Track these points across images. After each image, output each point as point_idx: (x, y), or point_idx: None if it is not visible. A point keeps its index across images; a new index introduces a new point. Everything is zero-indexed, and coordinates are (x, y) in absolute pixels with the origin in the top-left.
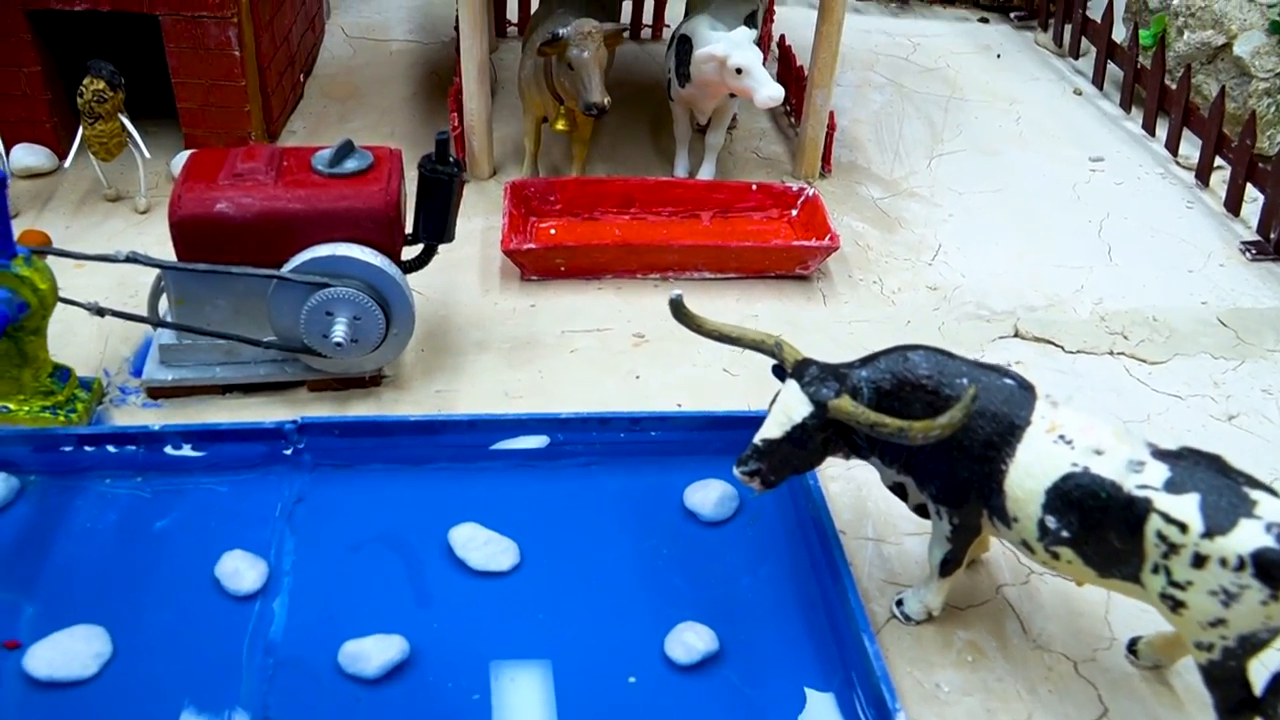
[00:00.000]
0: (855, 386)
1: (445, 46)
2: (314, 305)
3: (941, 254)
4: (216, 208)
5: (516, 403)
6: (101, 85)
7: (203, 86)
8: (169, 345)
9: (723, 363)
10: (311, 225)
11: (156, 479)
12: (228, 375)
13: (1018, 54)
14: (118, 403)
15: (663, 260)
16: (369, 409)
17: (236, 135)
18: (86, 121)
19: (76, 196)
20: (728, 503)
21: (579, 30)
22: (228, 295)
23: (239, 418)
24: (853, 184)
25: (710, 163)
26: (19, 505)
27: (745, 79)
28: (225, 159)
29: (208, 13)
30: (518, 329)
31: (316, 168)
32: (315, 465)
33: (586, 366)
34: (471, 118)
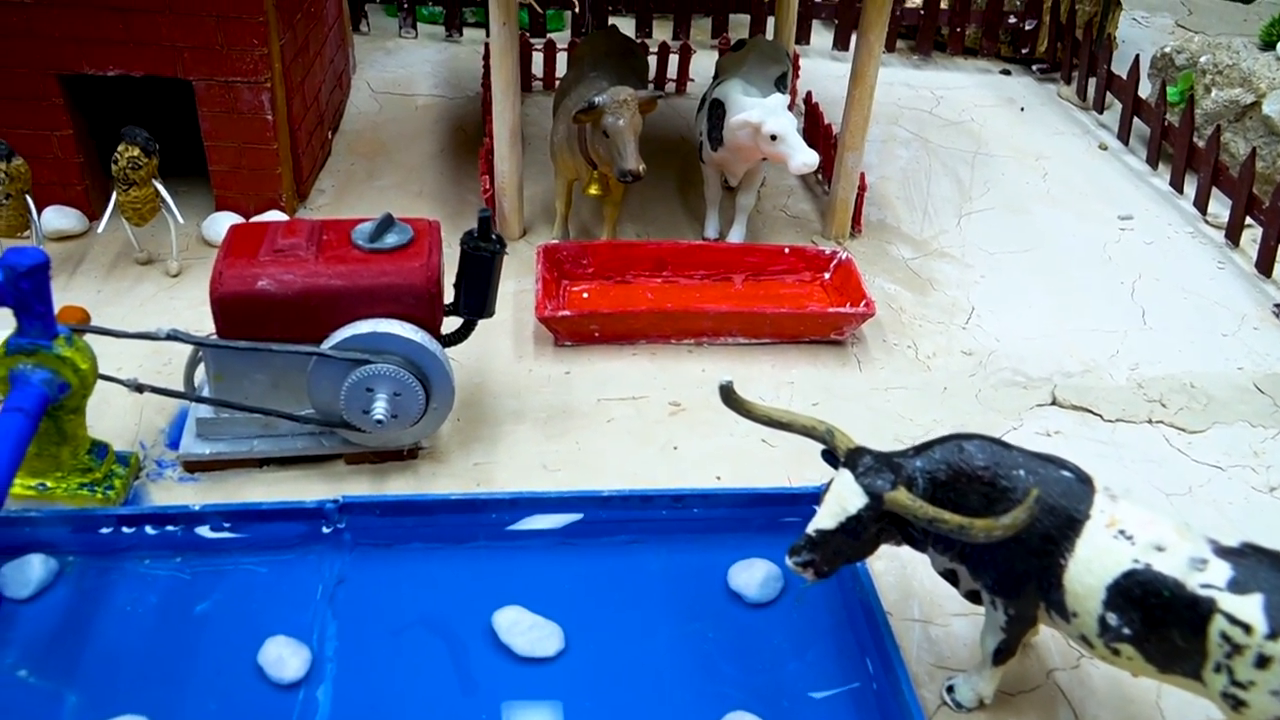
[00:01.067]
0: (910, 477)
1: (471, 101)
2: (354, 381)
3: (975, 317)
4: (258, 285)
5: (555, 476)
6: (136, 152)
7: (234, 149)
8: (206, 419)
9: (761, 433)
10: (353, 301)
11: (196, 559)
12: (265, 449)
13: (1041, 107)
14: (154, 477)
15: (697, 326)
16: (407, 483)
17: (267, 196)
18: (120, 187)
19: (108, 259)
20: (772, 583)
21: (615, 98)
22: (266, 370)
23: (277, 493)
24: (883, 244)
25: (741, 223)
26: (58, 588)
27: (780, 145)
28: (265, 233)
29: (241, 78)
30: (553, 397)
31: (357, 243)
32: (355, 544)
33: (624, 437)
34: (503, 179)
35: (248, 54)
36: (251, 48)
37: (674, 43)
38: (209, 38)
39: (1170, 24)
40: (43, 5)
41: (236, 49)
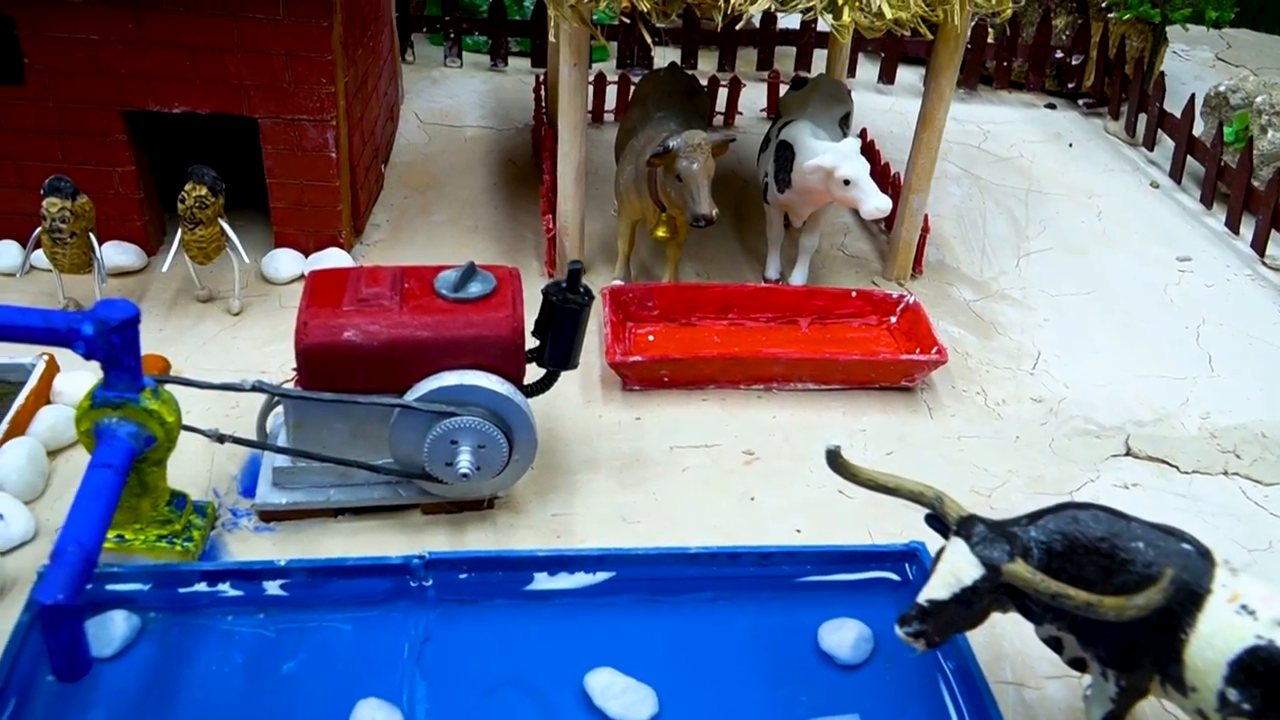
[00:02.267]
0: (1025, 547)
1: (519, 133)
2: (439, 434)
3: (1042, 362)
4: (344, 336)
5: (634, 529)
6: (204, 191)
7: (296, 186)
8: (283, 468)
9: (837, 484)
10: (438, 353)
11: (279, 615)
12: (342, 499)
13: (1089, 143)
14: (229, 526)
15: (768, 372)
16: (486, 535)
17: (326, 234)
18: (186, 226)
19: (168, 296)
20: (864, 645)
21: (689, 143)
22: (346, 420)
23: (355, 545)
24: (944, 285)
25: (804, 264)
26: (142, 645)
27: (853, 190)
28: (346, 281)
29: (308, 116)
30: (625, 444)
31: (440, 292)
32: (440, 601)
33: (699, 487)
34: (565, 218)
35: (315, 92)
36: (319, 86)
37: (723, 75)
38: (277, 76)
39: (1210, 57)
40: (110, 42)
41: (304, 87)
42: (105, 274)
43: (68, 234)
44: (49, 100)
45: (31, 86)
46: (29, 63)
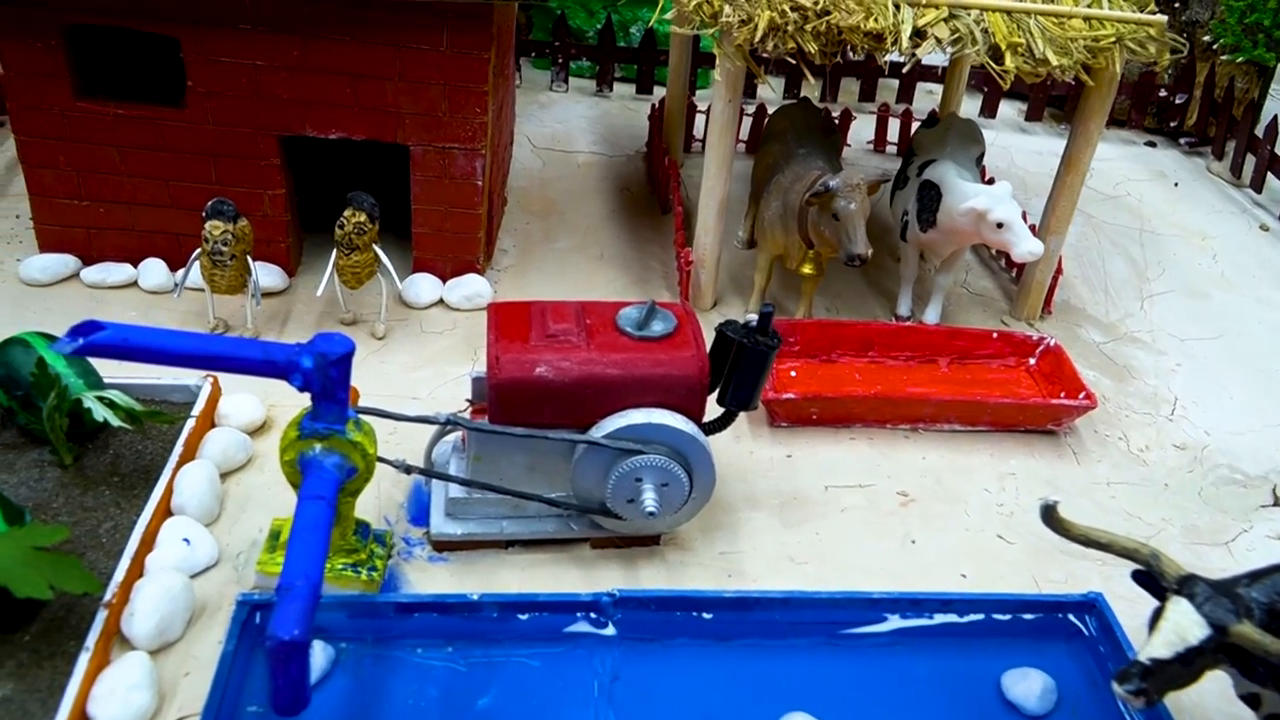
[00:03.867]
0: (1247, 607)
1: (631, 160)
2: (625, 471)
3: (1179, 408)
4: (536, 371)
5: (803, 569)
6: (362, 217)
7: (440, 213)
8: (458, 499)
9: (995, 528)
10: (625, 390)
11: (467, 649)
12: (515, 530)
13: (1193, 183)
14: (404, 555)
15: (917, 412)
16: (657, 571)
17: (464, 259)
18: (342, 251)
19: (312, 318)
20: (1049, 695)
21: (848, 183)
22: (526, 453)
23: (531, 578)
24: (1072, 326)
25: (937, 303)
26: (336, 676)
27: (1005, 233)
28: (529, 316)
29: (459, 144)
30: (781, 482)
31: (624, 329)
32: (624, 639)
33: (859, 528)
34: (703, 251)
35: (469, 122)
36: (473, 116)
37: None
38: (433, 105)
39: None
40: (274, 68)
41: (458, 116)
42: (260, 296)
43: (228, 256)
44: (207, 123)
45: (191, 109)
46: (191, 85)
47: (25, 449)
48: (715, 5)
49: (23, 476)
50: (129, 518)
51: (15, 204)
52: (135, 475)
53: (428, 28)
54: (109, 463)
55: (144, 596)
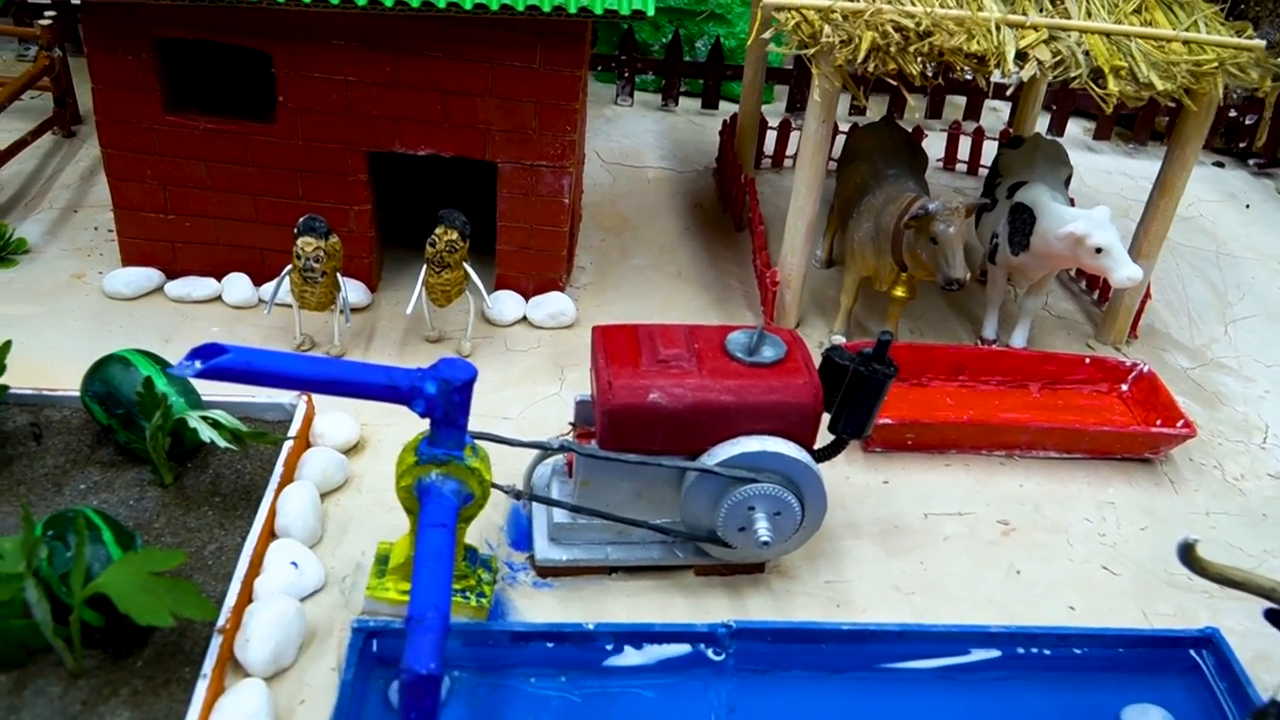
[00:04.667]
0: None
1: (701, 176)
2: (738, 500)
3: (1271, 437)
4: (650, 398)
5: (911, 600)
6: (454, 235)
7: (525, 230)
8: (563, 524)
9: (1099, 559)
10: (738, 417)
11: (581, 679)
12: (619, 557)
13: (1264, 204)
14: (509, 580)
15: (1014, 439)
16: (764, 600)
17: (547, 277)
18: (433, 269)
19: (396, 335)
20: None
21: (947, 207)
22: (633, 479)
23: (638, 605)
24: (1158, 351)
25: (1024, 327)
26: (452, 705)
27: (1104, 258)
28: (637, 339)
29: (547, 162)
30: (879, 509)
31: (735, 355)
32: (738, 670)
33: (962, 557)
34: (790, 272)
35: (558, 139)
36: (563, 133)
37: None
38: (524, 122)
39: None
40: (366, 84)
41: (548, 134)
42: (349, 313)
43: (319, 273)
44: (296, 139)
45: (281, 125)
46: (282, 101)
47: (124, 468)
48: (815, 25)
49: (122, 496)
50: (233, 539)
51: (92, 215)
52: (236, 496)
53: (522, 45)
54: (209, 483)
55: (258, 622)
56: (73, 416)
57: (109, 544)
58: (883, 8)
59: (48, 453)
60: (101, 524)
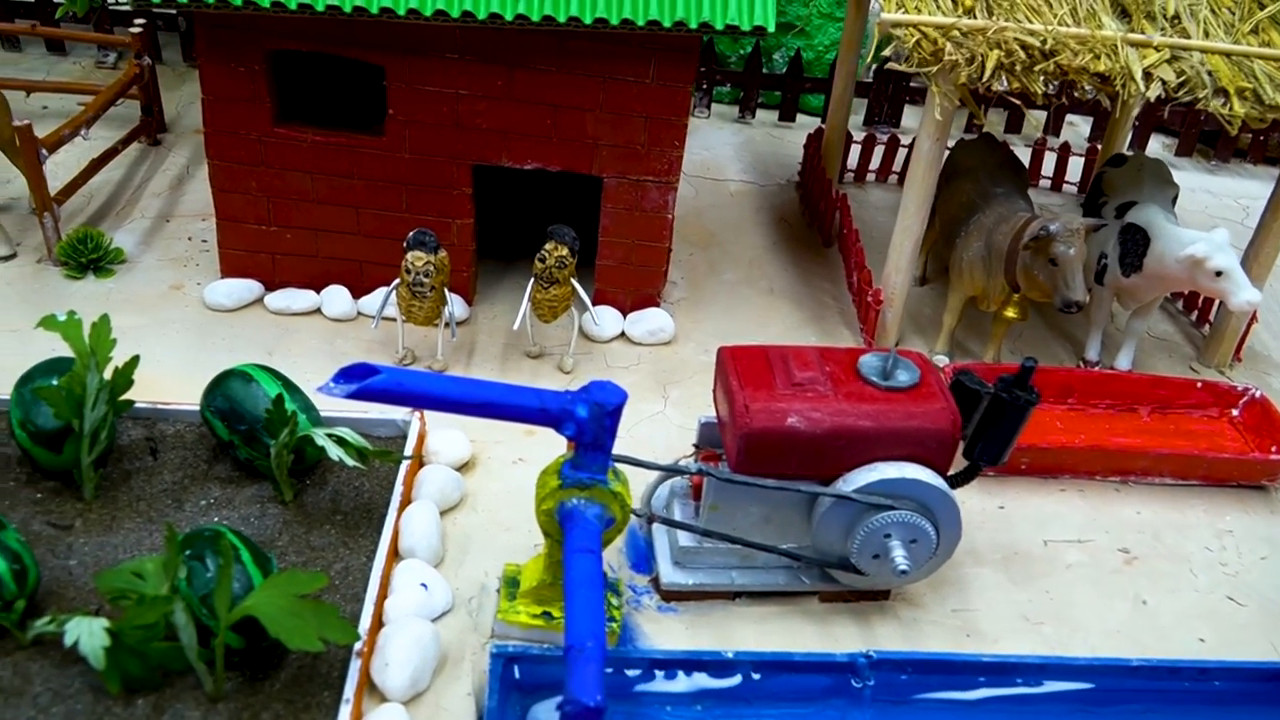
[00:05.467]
0: None
1: (783, 190)
2: (874, 527)
3: None
4: (788, 422)
5: (1040, 630)
6: (564, 251)
7: (626, 245)
8: (688, 548)
9: (1224, 589)
10: (875, 443)
11: (716, 708)
12: (744, 582)
13: None
14: (633, 604)
15: (1130, 465)
16: (892, 629)
17: (645, 293)
18: (541, 285)
19: (496, 349)
20: None
21: (1068, 228)
22: (762, 504)
23: (767, 631)
24: (1261, 374)
25: (1130, 349)
26: None
27: (1224, 281)
28: (768, 361)
29: (653, 177)
30: (998, 535)
31: (870, 379)
32: (876, 700)
33: (1086, 586)
34: (893, 290)
35: (665, 154)
36: (670, 148)
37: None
38: (632, 137)
39: None
40: (476, 97)
41: (656, 149)
42: (455, 328)
43: (428, 288)
44: (403, 152)
45: (389, 138)
46: (392, 114)
47: (242, 484)
48: (938, 43)
49: (243, 513)
50: (358, 559)
51: (184, 225)
52: (357, 514)
53: (635, 59)
54: (328, 500)
55: (396, 646)
56: (186, 431)
57: (248, 564)
58: (1005, 25)
59: (165, 468)
60: (240, 544)
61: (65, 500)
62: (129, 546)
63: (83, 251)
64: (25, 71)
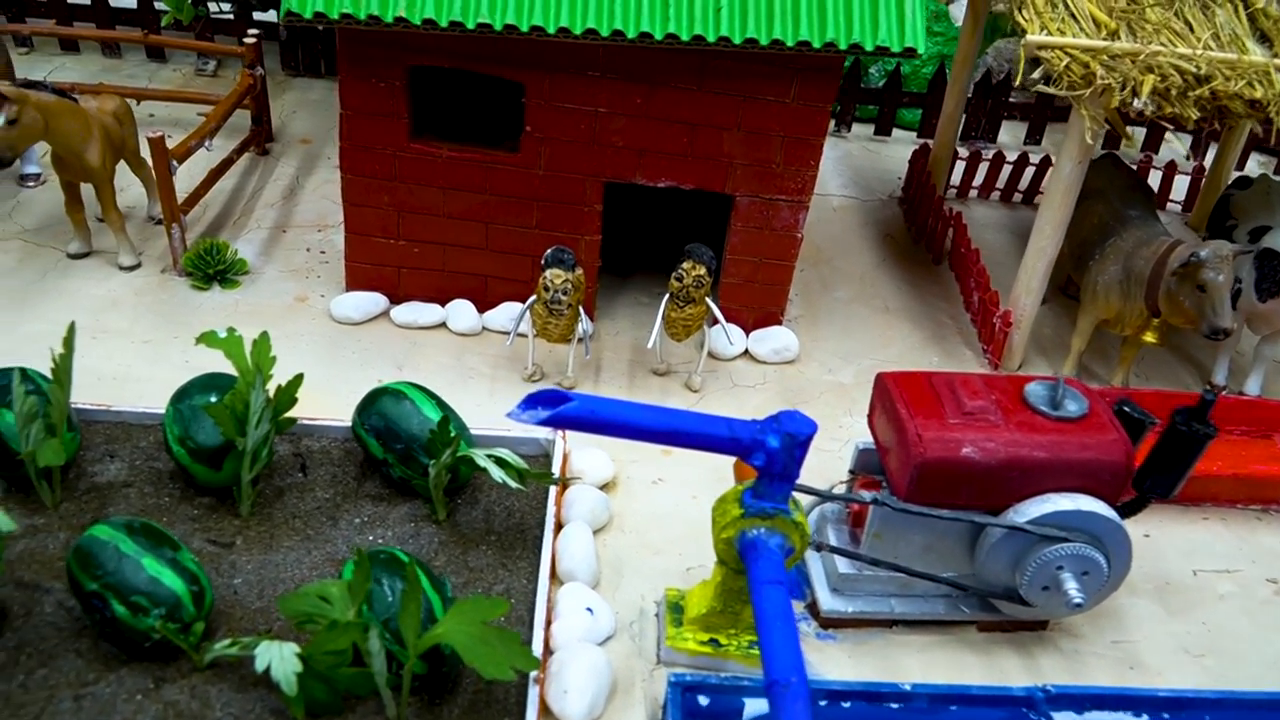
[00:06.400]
0: None
1: (885, 205)
2: (1046, 559)
3: None
4: (962, 452)
5: (1201, 663)
6: (702, 271)
7: (753, 264)
8: (848, 575)
9: None
10: (1048, 474)
11: None
12: (903, 610)
13: None
14: None
15: (1273, 493)
16: (1054, 659)
17: (768, 311)
18: (676, 304)
19: (622, 366)
20: None
21: (1217, 254)
22: (926, 533)
23: (930, 660)
24: None
25: (1259, 374)
26: None
27: None
28: (934, 388)
29: (786, 196)
30: (1148, 565)
31: (1039, 408)
32: None
33: (1241, 618)
34: (1023, 312)
35: (800, 174)
36: (806, 168)
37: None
38: (768, 156)
39: None
40: (615, 115)
41: (791, 168)
42: (589, 345)
43: (565, 305)
44: (537, 168)
45: (524, 154)
46: (529, 131)
47: (394, 501)
48: (1091, 66)
49: (398, 532)
50: (518, 581)
51: (300, 236)
52: (510, 534)
53: (777, 79)
54: (481, 519)
55: (573, 672)
56: (332, 446)
57: (426, 589)
58: (1158, 50)
59: (316, 484)
60: (419, 568)
61: (221, 517)
62: (289, 565)
63: (209, 263)
64: (127, 78)
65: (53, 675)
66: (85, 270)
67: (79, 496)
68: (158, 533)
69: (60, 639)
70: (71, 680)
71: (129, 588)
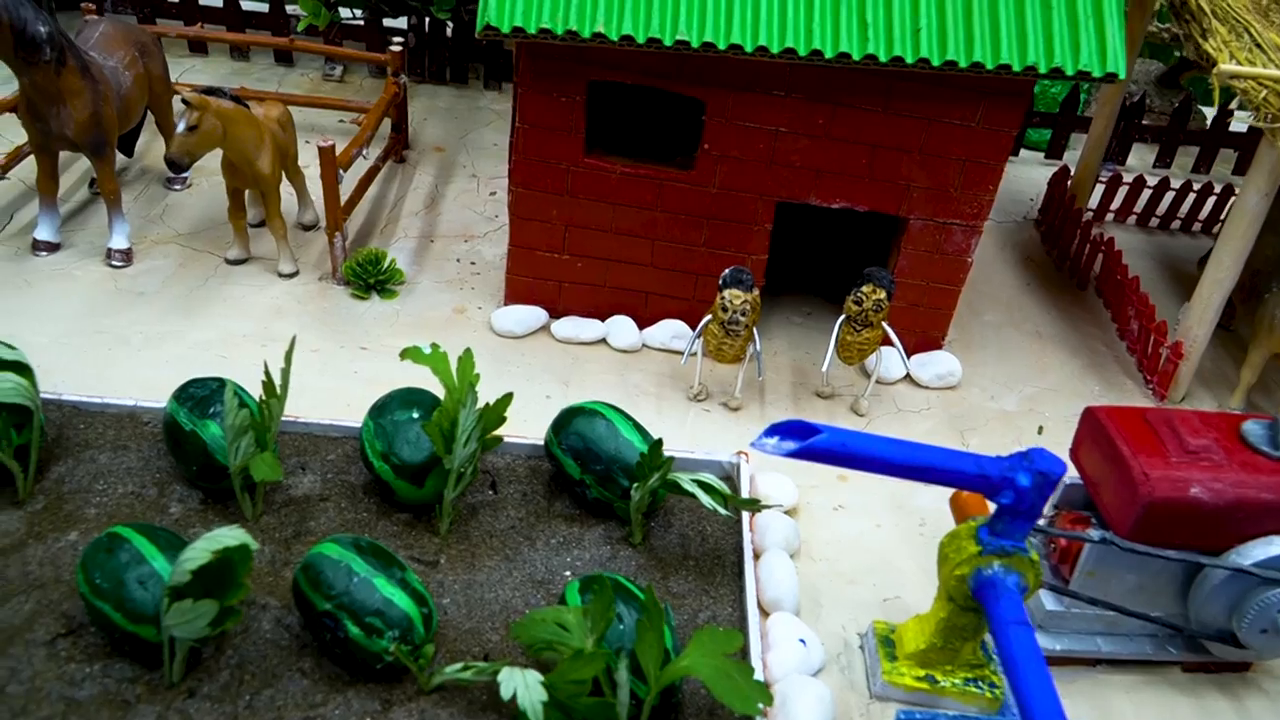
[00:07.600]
0: None
1: (1020, 227)
2: (1269, 602)
3: None
4: (1190, 492)
5: None
6: (882, 295)
7: (919, 287)
8: (1056, 613)
9: None
10: (1272, 515)
11: None
12: (1110, 649)
13: None
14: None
15: None
16: (1260, 701)
17: (931, 335)
18: (852, 327)
19: (785, 388)
20: None
21: None
22: (1139, 572)
23: (1140, 702)
24: None
25: None
26: None
27: None
28: (1151, 426)
29: (960, 220)
30: None
31: (1259, 447)
32: None
33: None
34: (1193, 342)
35: (977, 198)
36: (984, 192)
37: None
38: (947, 179)
39: None
40: (795, 135)
41: (969, 192)
42: (763, 366)
43: (742, 326)
44: (710, 186)
45: (699, 171)
46: (706, 149)
47: (587, 522)
48: None
49: (595, 554)
50: (723, 609)
51: (448, 246)
52: (708, 560)
53: (964, 102)
54: (677, 543)
55: (799, 706)
56: (518, 464)
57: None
58: None
59: (508, 503)
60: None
61: (420, 534)
62: (492, 585)
63: (369, 272)
64: (256, 82)
65: (279, 696)
66: (245, 276)
67: (277, 510)
68: (385, 553)
69: (282, 658)
70: (299, 701)
71: (364, 609)
